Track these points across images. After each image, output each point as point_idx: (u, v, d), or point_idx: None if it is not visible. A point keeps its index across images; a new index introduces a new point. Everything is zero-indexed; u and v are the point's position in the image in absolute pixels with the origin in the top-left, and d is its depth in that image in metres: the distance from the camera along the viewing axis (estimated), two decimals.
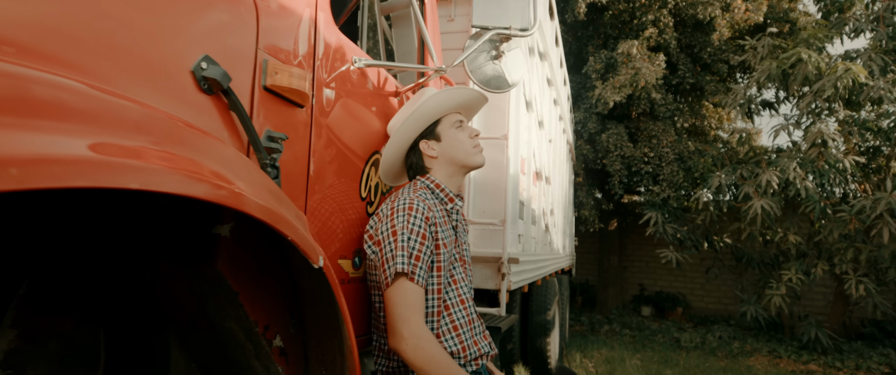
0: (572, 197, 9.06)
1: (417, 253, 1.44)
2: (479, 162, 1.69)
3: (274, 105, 1.23)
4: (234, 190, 0.71)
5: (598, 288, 11.85)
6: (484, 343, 1.63)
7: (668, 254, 8.72)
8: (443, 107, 1.67)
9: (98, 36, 0.82)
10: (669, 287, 12.55)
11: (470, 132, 1.70)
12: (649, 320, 11.14)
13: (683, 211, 9.19)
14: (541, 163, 4.07)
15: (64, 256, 1.05)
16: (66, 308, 1.15)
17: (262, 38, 1.19)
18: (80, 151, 0.54)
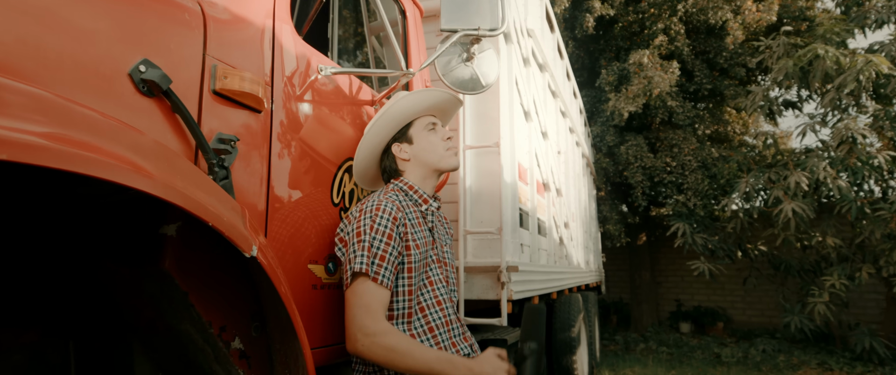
0: (595, 211, 8.89)
1: (382, 253, 1.43)
2: (452, 164, 1.68)
3: (226, 109, 1.25)
4: (139, 171, 0.72)
5: (631, 306, 11.48)
6: (464, 345, 1.58)
7: (700, 266, 8.42)
8: (413, 109, 1.68)
9: (32, 40, 0.86)
10: (708, 301, 12.07)
11: (443, 134, 1.69)
12: (688, 337, 10.69)
13: (712, 220, 8.90)
14: (548, 173, 4.02)
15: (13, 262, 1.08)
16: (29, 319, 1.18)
17: (210, 45, 1.22)
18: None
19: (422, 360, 1.35)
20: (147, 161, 0.78)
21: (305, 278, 1.49)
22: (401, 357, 1.34)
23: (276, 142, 1.41)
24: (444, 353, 1.42)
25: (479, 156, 2.83)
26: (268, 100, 1.40)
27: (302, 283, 1.47)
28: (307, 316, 1.49)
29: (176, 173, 0.84)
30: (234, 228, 0.91)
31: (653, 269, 11.50)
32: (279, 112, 1.44)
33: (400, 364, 1.35)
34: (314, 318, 1.51)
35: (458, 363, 1.39)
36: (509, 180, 2.90)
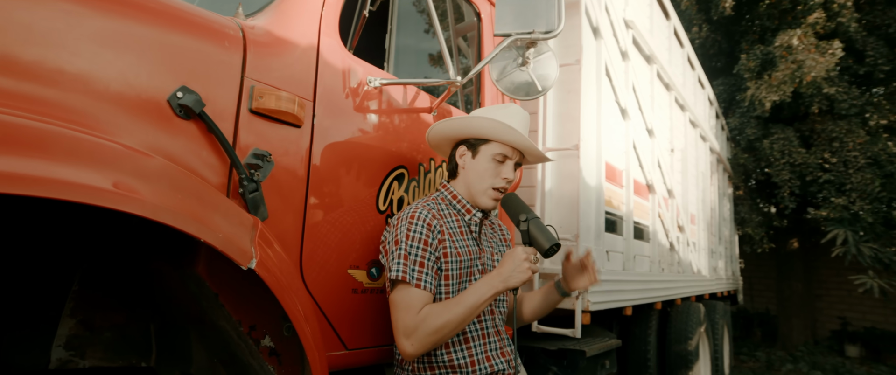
0: (730, 213, 8.00)
1: (420, 259, 1.45)
2: (483, 204, 1.62)
3: (263, 126, 1.37)
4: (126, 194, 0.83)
5: (779, 320, 10.15)
6: (499, 360, 1.55)
7: (868, 281, 7.18)
8: (492, 133, 1.61)
9: (81, 76, 1.03)
10: (886, 322, 10.20)
11: (503, 172, 1.61)
12: (855, 363, 9.15)
13: (887, 228, 7.50)
14: (653, 174, 3.72)
15: (98, 258, 1.29)
16: (115, 304, 1.41)
17: (249, 67, 1.34)
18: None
19: (462, 312, 1.40)
20: (144, 183, 0.89)
21: (344, 283, 1.57)
22: (447, 326, 1.38)
23: (316, 154, 1.50)
24: (470, 289, 1.44)
25: (560, 158, 2.71)
26: (309, 115, 1.49)
27: (340, 288, 1.55)
28: (347, 319, 1.57)
29: (175, 193, 0.95)
30: (230, 242, 0.99)
31: (808, 280, 10.03)
32: (322, 125, 1.53)
33: (450, 332, 1.40)
34: (354, 321, 1.59)
35: (485, 281, 1.45)
36: (593, 184, 2.74)
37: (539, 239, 1.46)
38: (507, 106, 1.72)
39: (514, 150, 1.64)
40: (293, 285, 1.20)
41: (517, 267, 1.43)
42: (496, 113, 1.67)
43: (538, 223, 1.49)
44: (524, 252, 1.45)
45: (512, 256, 1.45)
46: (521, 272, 1.43)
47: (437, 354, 1.48)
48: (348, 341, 1.58)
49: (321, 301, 1.49)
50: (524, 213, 1.51)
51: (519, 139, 1.59)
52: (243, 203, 1.28)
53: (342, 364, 1.58)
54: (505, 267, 1.45)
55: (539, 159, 1.73)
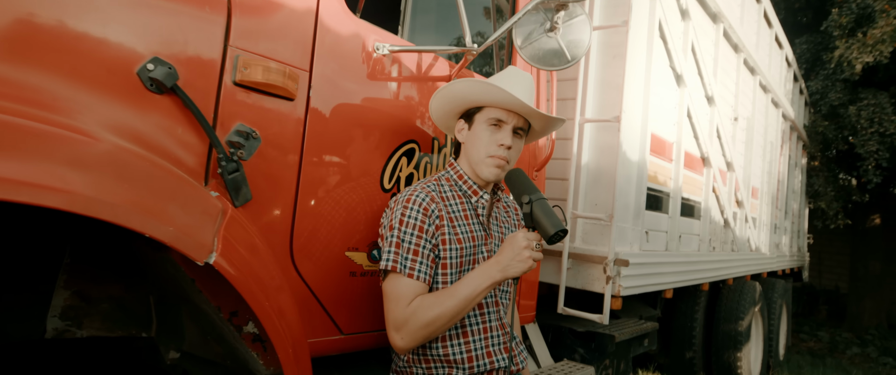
0: (802, 185, 7.36)
1: (414, 247, 1.34)
2: (486, 175, 1.47)
3: (249, 100, 1.27)
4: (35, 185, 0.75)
5: (849, 299, 9.47)
6: (501, 356, 1.44)
7: None
8: (476, 97, 1.48)
9: (33, 44, 0.95)
10: None
11: (501, 138, 1.46)
12: None
13: None
14: (709, 145, 3.39)
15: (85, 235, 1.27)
16: (111, 277, 1.39)
17: (234, 35, 1.23)
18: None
19: (456, 304, 1.30)
20: (79, 173, 0.82)
21: (341, 266, 1.49)
22: (439, 319, 1.29)
23: (311, 130, 1.40)
24: (465, 279, 1.33)
25: (600, 130, 2.48)
26: (304, 86, 1.38)
27: (336, 271, 1.48)
28: (343, 303, 1.50)
29: (119, 182, 0.87)
30: (183, 236, 0.92)
31: (888, 260, 9.21)
32: (320, 97, 1.42)
33: (443, 325, 1.30)
34: (352, 305, 1.52)
35: (481, 271, 1.33)
36: (636, 159, 2.51)
37: (543, 223, 1.28)
38: (508, 69, 1.55)
39: (511, 114, 1.47)
40: (267, 276, 1.12)
41: (516, 255, 1.29)
42: (494, 78, 1.51)
43: (543, 204, 1.31)
44: (525, 238, 1.30)
45: (511, 243, 1.32)
46: (520, 261, 1.29)
47: (433, 346, 1.39)
48: (345, 325, 1.51)
49: (315, 285, 1.43)
50: (527, 193, 1.33)
51: (506, 97, 1.42)
52: (223, 184, 1.20)
53: (338, 348, 1.52)
54: (503, 255, 1.32)
55: (544, 122, 1.55)
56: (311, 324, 1.43)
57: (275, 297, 1.11)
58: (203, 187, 1.13)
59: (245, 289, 1.02)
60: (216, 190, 1.18)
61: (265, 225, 1.31)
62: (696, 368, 4.71)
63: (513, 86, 1.48)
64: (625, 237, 2.47)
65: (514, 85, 1.49)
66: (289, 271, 1.36)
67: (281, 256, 1.35)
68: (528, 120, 1.52)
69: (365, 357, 1.70)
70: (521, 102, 1.43)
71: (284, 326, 1.10)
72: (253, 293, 1.04)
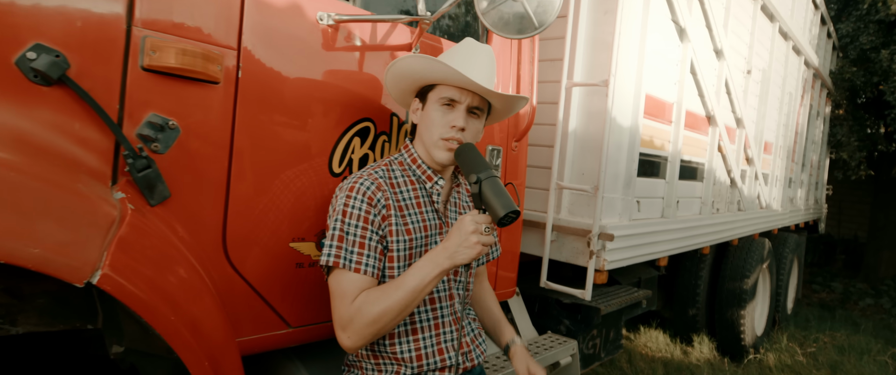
0: (823, 135, 7.02)
1: (359, 240, 1.24)
2: (440, 159, 1.34)
3: (163, 87, 1.14)
4: None
5: (867, 249, 9.25)
6: (452, 354, 1.36)
7: None
8: (424, 74, 1.35)
9: None
10: None
11: (453, 120, 1.33)
12: None
13: None
14: (715, 102, 3.16)
15: None
16: None
17: (139, 11, 1.09)
18: None
19: (403, 297, 1.20)
20: None
21: (286, 258, 1.40)
22: (386, 314, 1.19)
23: (242, 114, 1.27)
24: (412, 268, 1.23)
25: (589, 94, 2.30)
26: (232, 66, 1.24)
27: (280, 264, 1.39)
28: (289, 296, 1.42)
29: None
30: (54, 257, 0.82)
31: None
32: (252, 77, 1.28)
33: (392, 320, 1.21)
34: (299, 297, 1.45)
35: (429, 259, 1.23)
36: (627, 124, 2.33)
37: (493, 204, 1.16)
38: (465, 41, 1.39)
39: (465, 92, 1.33)
40: (177, 286, 1.03)
41: (463, 240, 1.18)
42: (448, 52, 1.36)
43: (493, 183, 1.18)
44: (473, 221, 1.18)
45: (458, 228, 1.20)
46: (468, 247, 1.18)
47: (381, 343, 1.32)
48: (294, 319, 1.44)
49: (255, 280, 1.34)
50: (476, 171, 1.20)
51: (454, 75, 1.28)
52: (134, 185, 1.10)
53: (288, 342, 1.46)
54: (451, 241, 1.21)
55: (504, 101, 1.40)
56: (254, 321, 1.36)
57: (186, 309, 1.02)
58: (100, 191, 1.02)
59: (141, 307, 0.93)
60: (124, 191, 1.08)
61: (192, 222, 1.21)
62: (699, 325, 4.67)
63: (468, 60, 1.33)
64: (613, 208, 2.34)
65: (469, 59, 1.34)
66: (223, 268, 1.28)
67: (213, 254, 1.26)
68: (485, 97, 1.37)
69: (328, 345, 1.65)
70: (471, 81, 1.28)
71: (197, 339, 1.02)
72: (154, 309, 0.95)
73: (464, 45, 1.39)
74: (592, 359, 2.66)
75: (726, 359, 4.49)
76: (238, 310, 1.32)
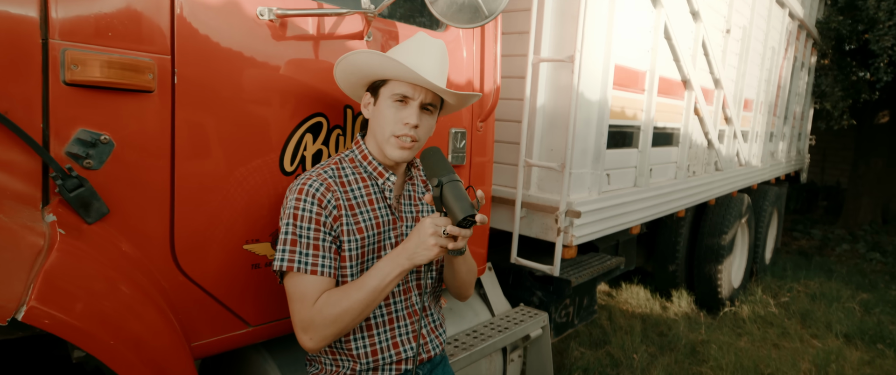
0: (807, 86, 6.98)
1: (313, 241, 1.24)
2: (393, 156, 1.32)
3: (91, 100, 1.10)
4: None
5: (847, 196, 9.42)
6: (409, 346, 1.38)
7: None
8: (380, 70, 1.31)
9: None
10: None
11: (404, 117, 1.30)
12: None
13: None
14: (691, 66, 3.11)
15: None
16: None
17: (54, 21, 1.03)
18: None
19: (364, 297, 1.22)
20: None
21: (240, 260, 1.40)
22: (346, 314, 1.21)
23: (182, 121, 1.23)
24: (373, 269, 1.26)
25: (557, 69, 2.25)
26: (166, 73, 1.19)
27: (235, 266, 1.39)
28: (247, 297, 1.43)
29: None
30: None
31: (892, 156, 9.00)
32: (189, 82, 1.23)
33: (353, 320, 1.23)
34: (257, 296, 1.45)
35: (389, 259, 1.25)
36: (596, 98, 2.30)
37: (452, 208, 1.19)
38: (417, 36, 1.34)
39: (418, 88, 1.30)
40: (115, 306, 1.03)
41: (422, 242, 1.20)
42: (398, 47, 1.32)
43: (454, 187, 1.20)
44: (432, 224, 1.20)
45: (418, 230, 1.23)
46: (426, 248, 1.20)
47: (338, 340, 1.34)
48: (253, 318, 1.46)
49: (209, 285, 1.35)
50: (438, 175, 1.22)
51: (406, 73, 1.26)
52: (67, 204, 1.07)
53: (249, 340, 1.48)
54: (410, 242, 1.23)
55: (457, 98, 1.38)
56: (211, 323, 1.37)
57: (126, 328, 1.02)
58: (18, 222, 0.98)
59: (74, 335, 0.92)
60: (56, 212, 1.06)
61: (136, 234, 1.19)
62: (679, 280, 4.79)
63: (420, 56, 1.29)
64: (582, 183, 2.34)
65: (420, 54, 1.30)
66: (174, 276, 1.28)
67: (162, 263, 1.25)
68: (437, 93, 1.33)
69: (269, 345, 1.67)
70: (424, 79, 1.25)
71: (139, 355, 1.03)
72: (89, 334, 0.95)
73: (416, 39, 1.34)
74: (566, 327, 2.74)
75: (703, 313, 4.63)
76: (194, 316, 1.32)
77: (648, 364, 3.54)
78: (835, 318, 4.63)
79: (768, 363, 3.66)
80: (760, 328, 4.38)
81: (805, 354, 3.88)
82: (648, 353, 3.71)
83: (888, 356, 4.02)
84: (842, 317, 4.67)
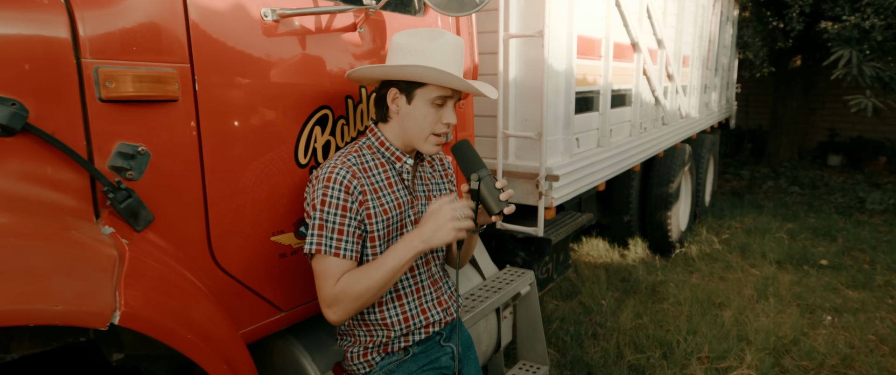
0: (732, 38, 7.49)
1: (339, 227, 1.33)
2: (428, 151, 1.44)
3: (125, 115, 1.13)
4: None
5: (769, 137, 10.25)
6: (435, 311, 1.53)
7: (863, 101, 7.00)
8: (431, 78, 1.38)
9: None
10: (873, 131, 10.32)
11: (444, 118, 1.42)
12: (834, 173, 9.48)
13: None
14: (638, 29, 3.34)
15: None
16: None
17: (84, 41, 1.06)
18: None
19: (383, 276, 1.32)
20: None
21: (269, 251, 1.48)
22: (368, 292, 1.32)
23: (207, 126, 1.28)
24: (390, 251, 1.36)
25: (526, 44, 2.39)
26: (188, 82, 1.23)
27: (265, 258, 1.47)
28: (278, 284, 1.52)
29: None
30: (77, 310, 0.87)
31: (805, 95, 9.84)
32: (209, 89, 1.28)
33: (373, 296, 1.34)
34: (287, 283, 1.54)
35: (405, 242, 1.35)
36: (563, 68, 2.46)
37: (488, 202, 1.34)
38: (438, 34, 1.42)
39: (454, 90, 1.42)
40: (182, 304, 1.10)
41: (440, 227, 1.32)
42: (425, 45, 1.39)
43: (490, 182, 1.35)
44: (451, 210, 1.32)
45: (435, 216, 1.33)
46: (445, 232, 1.32)
47: (371, 312, 1.46)
48: (284, 303, 1.55)
49: (245, 277, 1.42)
50: (475, 169, 1.36)
51: (459, 84, 1.38)
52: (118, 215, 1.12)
53: (282, 324, 1.57)
54: (426, 227, 1.34)
55: (482, 94, 1.51)
56: (250, 313, 1.46)
57: (196, 322, 1.10)
58: (91, 231, 1.04)
59: (163, 333, 1.00)
60: (110, 223, 1.11)
61: (177, 237, 1.25)
62: (633, 230, 5.16)
63: (452, 58, 1.39)
64: (556, 149, 2.52)
65: (452, 56, 1.39)
66: (214, 273, 1.35)
67: (202, 262, 1.32)
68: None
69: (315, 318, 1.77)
70: (476, 89, 1.41)
71: (212, 347, 1.11)
72: (171, 331, 1.03)
73: (442, 39, 1.40)
74: (547, 282, 2.96)
75: (657, 256, 5.04)
76: (234, 307, 1.40)
77: (617, 308, 3.87)
78: (768, 248, 5.17)
79: (718, 293, 4.08)
80: (708, 264, 4.83)
81: (747, 282, 4.35)
82: (615, 298, 4.05)
83: (812, 274, 4.57)
84: (773, 246, 5.22)
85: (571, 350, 3.23)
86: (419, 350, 1.52)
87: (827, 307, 3.92)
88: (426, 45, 1.37)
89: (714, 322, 3.56)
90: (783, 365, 3.09)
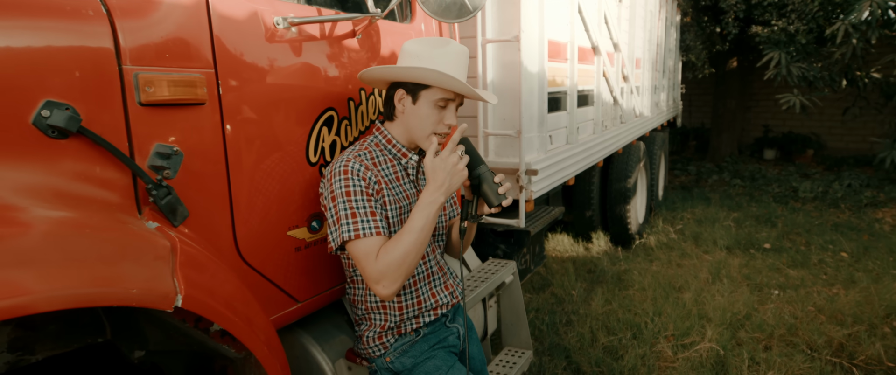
0: (676, 42, 7.99)
1: (369, 210, 1.42)
2: (429, 148, 1.54)
3: (161, 118, 1.21)
4: None
5: (711, 134, 10.93)
6: (444, 294, 1.66)
7: (791, 98, 7.61)
8: (435, 81, 1.50)
9: None
10: (801, 127, 11.20)
11: (445, 119, 1.54)
12: (770, 165, 10.22)
13: (818, 46, 7.72)
14: (598, 34, 3.58)
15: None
16: None
17: (125, 50, 1.13)
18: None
19: (416, 237, 1.39)
20: (24, 270, 0.82)
21: (286, 246, 1.57)
22: (408, 255, 1.38)
23: (230, 128, 1.37)
24: (413, 214, 1.43)
25: (502, 48, 2.56)
26: (213, 86, 1.32)
27: (283, 252, 1.56)
28: (294, 277, 1.60)
29: (70, 264, 0.87)
30: (149, 291, 0.95)
31: (742, 94, 10.56)
32: (231, 93, 1.36)
33: (415, 258, 1.40)
34: (302, 275, 1.63)
35: (424, 200, 1.43)
36: (536, 70, 2.65)
37: (488, 196, 1.49)
38: (444, 42, 1.56)
39: (457, 94, 1.55)
40: (226, 289, 1.19)
41: (451, 173, 1.41)
42: (433, 51, 1.52)
43: (489, 176, 1.50)
44: (450, 156, 1.42)
45: (442, 164, 1.42)
46: (457, 174, 1.42)
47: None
48: (299, 295, 1.64)
49: (267, 270, 1.51)
50: (477, 166, 1.50)
51: (461, 88, 1.51)
52: (159, 211, 1.19)
53: (298, 315, 1.66)
54: (438, 177, 1.42)
55: (483, 99, 1.65)
56: (271, 304, 1.54)
57: (240, 309, 1.19)
58: (142, 225, 1.12)
59: (218, 317, 1.09)
60: (152, 219, 1.18)
61: (208, 231, 1.33)
62: (595, 224, 5.44)
63: (457, 65, 1.51)
64: (532, 145, 2.70)
65: (457, 64, 1.51)
66: (239, 266, 1.43)
67: (229, 255, 1.39)
68: None
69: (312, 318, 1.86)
70: (479, 95, 1.52)
71: (255, 331, 1.20)
72: (223, 315, 1.11)
73: (448, 47, 1.51)
74: (525, 273, 3.13)
75: (619, 248, 5.34)
76: (258, 298, 1.48)
77: (586, 296, 4.10)
78: (718, 235, 5.57)
79: (677, 278, 4.38)
80: (665, 252, 5.15)
81: (702, 266, 4.68)
82: (584, 288, 4.28)
83: (757, 257, 4.98)
84: (722, 234, 5.63)
85: (549, 338, 3.41)
86: (429, 331, 1.65)
87: (772, 284, 4.28)
88: (433, 51, 1.50)
89: (676, 303, 3.83)
90: (739, 338, 3.38)
